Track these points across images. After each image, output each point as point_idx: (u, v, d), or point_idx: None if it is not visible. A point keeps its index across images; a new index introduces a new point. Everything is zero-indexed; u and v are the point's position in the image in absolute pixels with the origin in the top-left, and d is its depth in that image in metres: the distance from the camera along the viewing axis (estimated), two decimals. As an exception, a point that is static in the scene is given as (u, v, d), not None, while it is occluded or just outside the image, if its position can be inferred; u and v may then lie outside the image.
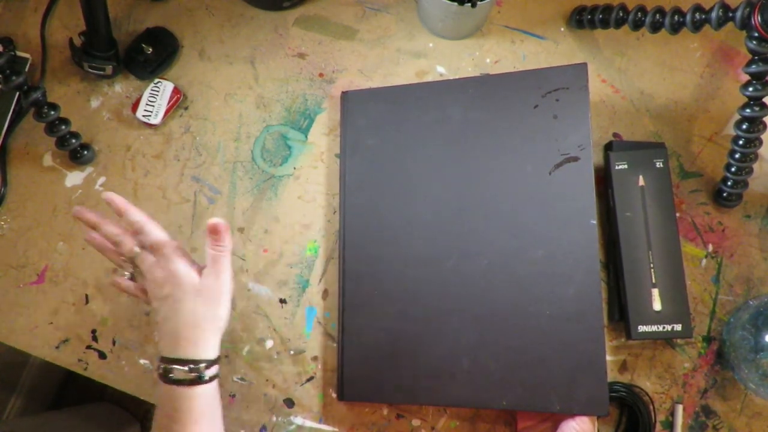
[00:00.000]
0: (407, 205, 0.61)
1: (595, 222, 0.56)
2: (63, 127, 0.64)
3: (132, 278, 0.55)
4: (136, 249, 0.52)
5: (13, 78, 0.59)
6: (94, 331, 0.65)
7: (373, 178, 0.62)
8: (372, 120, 0.64)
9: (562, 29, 0.70)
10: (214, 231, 0.51)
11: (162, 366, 0.49)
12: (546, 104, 0.59)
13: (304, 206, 0.66)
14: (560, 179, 0.57)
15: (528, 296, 0.56)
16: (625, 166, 0.61)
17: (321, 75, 0.70)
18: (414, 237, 0.60)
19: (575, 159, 0.57)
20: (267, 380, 0.63)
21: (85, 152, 0.67)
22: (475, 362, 0.56)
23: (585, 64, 0.58)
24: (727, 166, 0.61)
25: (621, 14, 0.62)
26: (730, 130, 0.62)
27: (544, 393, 0.54)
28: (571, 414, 0.53)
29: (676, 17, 0.57)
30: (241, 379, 0.63)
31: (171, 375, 0.48)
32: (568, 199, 0.57)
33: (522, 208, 0.58)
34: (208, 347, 0.49)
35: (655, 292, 0.58)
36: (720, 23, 0.54)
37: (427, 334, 0.58)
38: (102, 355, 0.64)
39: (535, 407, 0.55)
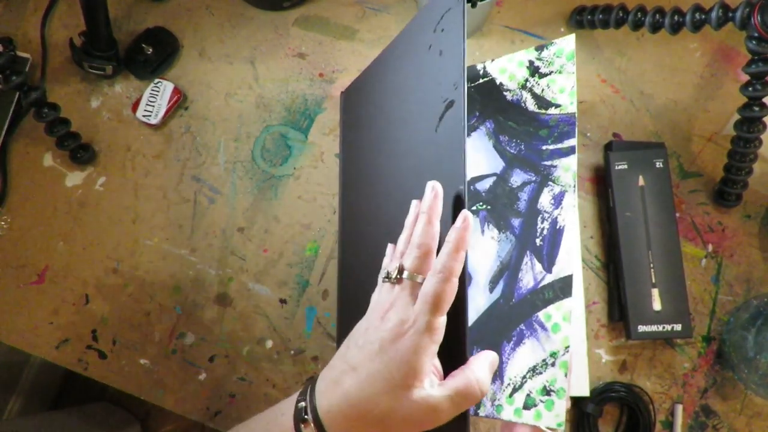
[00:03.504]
0: (374, 198, 0.55)
1: (462, 188, 0.41)
2: (63, 127, 0.64)
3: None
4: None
5: (13, 78, 0.59)
6: (94, 331, 0.65)
7: (358, 174, 0.61)
8: (353, 114, 0.63)
9: (562, 29, 0.70)
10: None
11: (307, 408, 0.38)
12: (436, 40, 0.46)
13: (304, 206, 0.66)
14: (444, 135, 0.44)
15: None
16: (625, 166, 0.61)
17: (321, 75, 0.70)
18: (380, 232, 0.54)
19: (451, 104, 0.44)
20: (267, 380, 0.63)
21: (85, 152, 0.67)
22: None
23: None
24: (727, 166, 0.61)
25: (621, 14, 0.62)
26: (730, 130, 0.62)
27: None
28: None
29: (675, 17, 0.57)
30: (241, 379, 0.63)
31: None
32: (446, 161, 0.44)
33: (418, 182, 0.46)
34: None
35: (655, 292, 0.58)
36: (720, 23, 0.54)
37: None
38: (102, 355, 0.64)
39: None
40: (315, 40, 0.71)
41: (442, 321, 0.37)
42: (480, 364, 0.38)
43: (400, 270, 0.39)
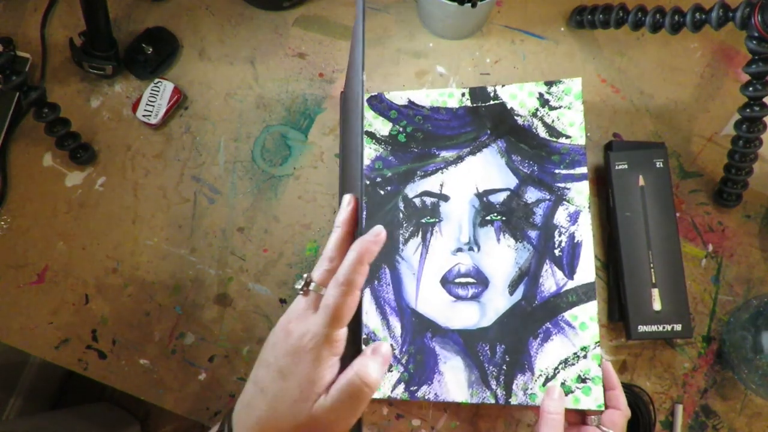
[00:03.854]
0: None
1: (360, 183, 0.40)
2: (63, 127, 0.64)
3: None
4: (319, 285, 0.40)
5: (13, 78, 0.59)
6: (94, 331, 0.65)
7: (348, 175, 0.62)
8: (343, 114, 0.63)
9: (562, 29, 0.70)
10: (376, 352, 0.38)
11: None
12: (360, 33, 0.47)
13: (304, 206, 0.66)
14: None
15: None
16: (625, 166, 0.61)
17: (321, 75, 0.70)
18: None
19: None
20: (267, 380, 0.63)
21: (85, 152, 0.67)
22: None
23: None
24: (727, 166, 0.61)
25: (621, 14, 0.62)
26: (730, 130, 0.62)
27: None
28: None
29: (676, 17, 0.57)
30: (241, 379, 0.63)
31: None
32: (353, 160, 0.45)
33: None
34: None
35: (655, 292, 0.58)
36: (720, 23, 0.54)
37: None
38: (102, 355, 0.64)
39: None
40: (315, 40, 0.71)
41: (341, 333, 0.37)
42: (362, 360, 0.37)
43: (308, 282, 0.39)
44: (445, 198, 0.60)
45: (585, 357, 0.54)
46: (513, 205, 0.59)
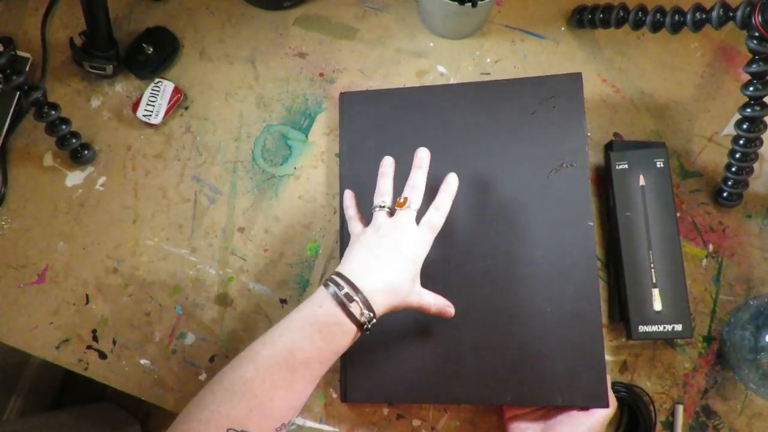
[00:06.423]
0: None
1: (592, 224, 0.57)
2: (63, 126, 0.64)
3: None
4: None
5: (14, 78, 0.59)
6: (94, 331, 0.65)
7: (372, 179, 0.62)
8: (371, 121, 0.64)
9: (563, 29, 0.70)
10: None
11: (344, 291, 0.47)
12: (543, 111, 0.61)
13: (305, 206, 0.66)
14: (558, 183, 0.59)
15: (529, 295, 0.57)
16: (626, 166, 0.61)
17: (321, 74, 0.70)
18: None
19: (572, 164, 0.59)
20: (267, 380, 0.63)
21: (86, 152, 0.67)
22: (479, 359, 0.57)
23: (580, 74, 0.60)
24: (728, 166, 0.61)
25: (621, 14, 0.62)
26: (731, 130, 0.61)
27: (546, 388, 0.55)
28: (574, 407, 0.55)
29: (676, 17, 0.57)
30: (242, 379, 0.63)
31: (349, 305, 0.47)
32: (566, 201, 0.58)
33: (521, 210, 0.59)
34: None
35: (656, 292, 0.58)
36: (720, 23, 0.54)
37: (431, 333, 0.58)
38: (102, 355, 0.64)
39: (538, 402, 0.56)
40: (315, 40, 0.71)
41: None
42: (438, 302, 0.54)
43: (403, 203, 0.53)
44: None
45: None
46: None
